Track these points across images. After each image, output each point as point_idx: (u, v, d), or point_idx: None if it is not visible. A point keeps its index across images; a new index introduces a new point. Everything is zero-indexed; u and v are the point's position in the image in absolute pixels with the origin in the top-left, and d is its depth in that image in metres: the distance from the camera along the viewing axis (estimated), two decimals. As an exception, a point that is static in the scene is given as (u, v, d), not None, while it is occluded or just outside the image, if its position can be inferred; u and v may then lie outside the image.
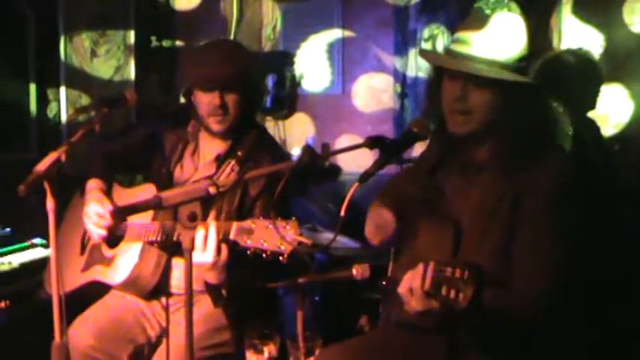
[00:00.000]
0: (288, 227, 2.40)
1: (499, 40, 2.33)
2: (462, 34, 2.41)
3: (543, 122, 2.43)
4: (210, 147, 3.19)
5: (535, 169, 2.34)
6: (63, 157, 2.38)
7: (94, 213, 3.01)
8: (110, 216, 2.92)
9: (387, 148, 2.30)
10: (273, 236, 2.41)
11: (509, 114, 2.36)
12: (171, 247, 2.99)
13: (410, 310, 2.17)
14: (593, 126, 4.02)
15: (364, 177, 2.21)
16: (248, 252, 2.47)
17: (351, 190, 2.17)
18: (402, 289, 2.23)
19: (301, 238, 2.40)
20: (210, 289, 2.80)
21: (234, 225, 2.55)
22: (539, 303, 2.27)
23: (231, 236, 2.55)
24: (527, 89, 2.37)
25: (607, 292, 3.25)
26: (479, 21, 2.36)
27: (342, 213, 2.16)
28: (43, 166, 2.33)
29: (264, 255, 2.43)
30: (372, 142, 2.30)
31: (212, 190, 2.04)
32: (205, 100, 3.03)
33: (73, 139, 2.50)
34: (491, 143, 2.42)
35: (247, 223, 2.51)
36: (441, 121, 2.48)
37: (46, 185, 2.33)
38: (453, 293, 2.01)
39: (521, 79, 2.34)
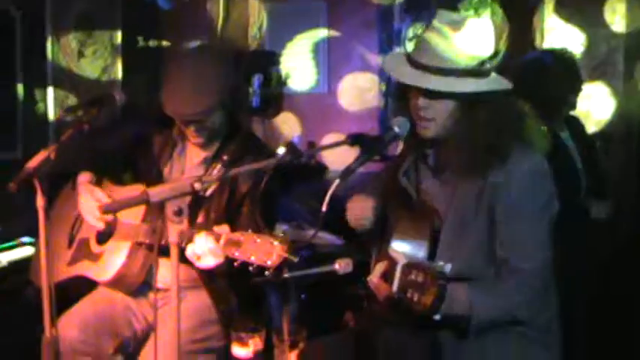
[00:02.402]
0: (275, 243, 2.44)
1: (464, 46, 2.36)
2: (427, 38, 2.42)
3: (511, 121, 2.47)
4: (197, 149, 3.23)
5: (506, 168, 2.38)
6: (52, 156, 2.42)
7: (90, 205, 3.06)
8: (99, 212, 2.96)
9: (367, 145, 2.36)
10: (260, 250, 2.45)
11: (474, 116, 2.39)
12: (159, 249, 3.03)
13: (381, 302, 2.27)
14: (577, 123, 4.09)
15: (345, 173, 2.26)
16: (235, 263, 2.53)
17: (332, 186, 2.22)
18: (371, 281, 2.32)
19: (288, 255, 2.44)
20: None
21: (224, 236, 2.61)
22: (534, 280, 2.37)
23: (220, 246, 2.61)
24: (492, 91, 2.39)
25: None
26: (450, 25, 2.39)
27: (323, 208, 2.21)
28: (33, 163, 2.37)
29: (250, 267, 2.48)
30: (352, 140, 2.35)
31: (197, 185, 2.10)
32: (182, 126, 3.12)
33: (62, 139, 2.55)
34: (459, 145, 2.45)
35: (236, 235, 2.55)
36: (412, 123, 2.50)
37: (36, 183, 2.37)
38: (416, 297, 2.08)
39: (478, 88, 2.36)
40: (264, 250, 2.44)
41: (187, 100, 3.01)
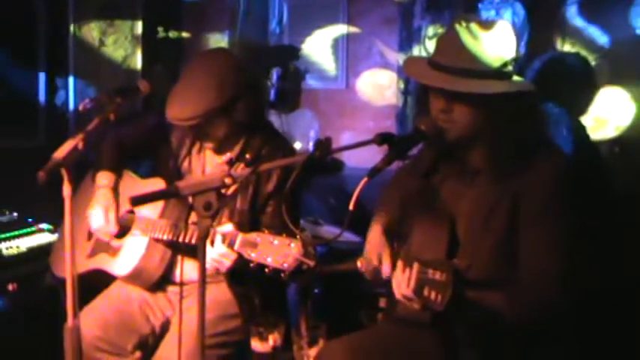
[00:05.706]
0: (292, 245, 2.44)
1: (490, 46, 2.34)
2: (451, 38, 2.39)
3: (533, 123, 2.47)
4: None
5: (531, 169, 2.37)
6: (80, 145, 2.43)
7: (98, 218, 3.11)
8: (128, 203, 2.97)
9: (395, 145, 2.35)
10: (276, 253, 2.45)
11: (497, 119, 2.38)
12: (177, 245, 3.04)
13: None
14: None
15: (373, 172, 2.25)
16: (251, 264, 2.53)
17: (360, 185, 2.21)
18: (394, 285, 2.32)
19: (304, 259, 2.44)
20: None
21: (240, 236, 2.61)
22: (554, 299, 2.31)
23: (236, 247, 2.62)
24: (513, 93, 2.37)
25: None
26: (478, 25, 2.37)
27: (351, 207, 2.20)
28: (61, 153, 2.37)
29: (265, 269, 2.47)
30: (381, 139, 2.34)
31: (228, 180, 2.09)
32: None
33: (89, 128, 2.55)
34: (482, 148, 2.45)
35: (253, 236, 2.55)
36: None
37: (64, 172, 2.37)
38: (433, 294, 2.10)
39: (502, 89, 2.34)
40: (281, 253, 2.44)
41: (181, 104, 2.95)
